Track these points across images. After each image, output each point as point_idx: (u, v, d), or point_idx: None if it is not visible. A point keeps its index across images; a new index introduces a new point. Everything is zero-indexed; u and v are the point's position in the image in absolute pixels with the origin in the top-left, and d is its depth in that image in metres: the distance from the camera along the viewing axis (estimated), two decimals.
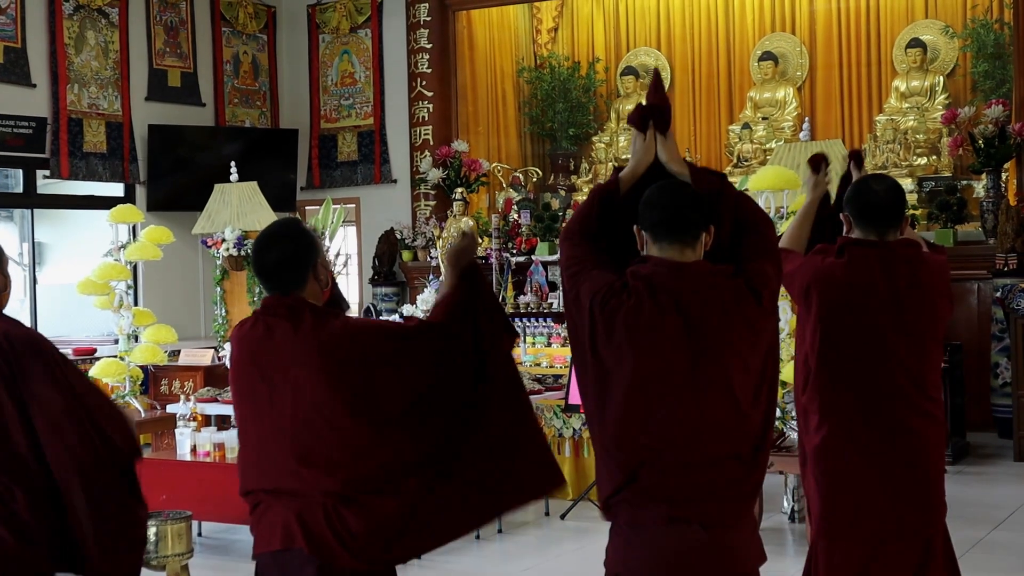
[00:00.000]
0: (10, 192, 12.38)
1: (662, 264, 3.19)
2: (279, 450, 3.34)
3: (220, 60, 13.40)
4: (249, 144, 12.95)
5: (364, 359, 3.31)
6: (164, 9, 12.79)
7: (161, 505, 6.73)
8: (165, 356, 9.62)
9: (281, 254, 3.39)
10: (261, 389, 3.38)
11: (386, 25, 13.57)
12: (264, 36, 13.97)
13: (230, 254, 9.85)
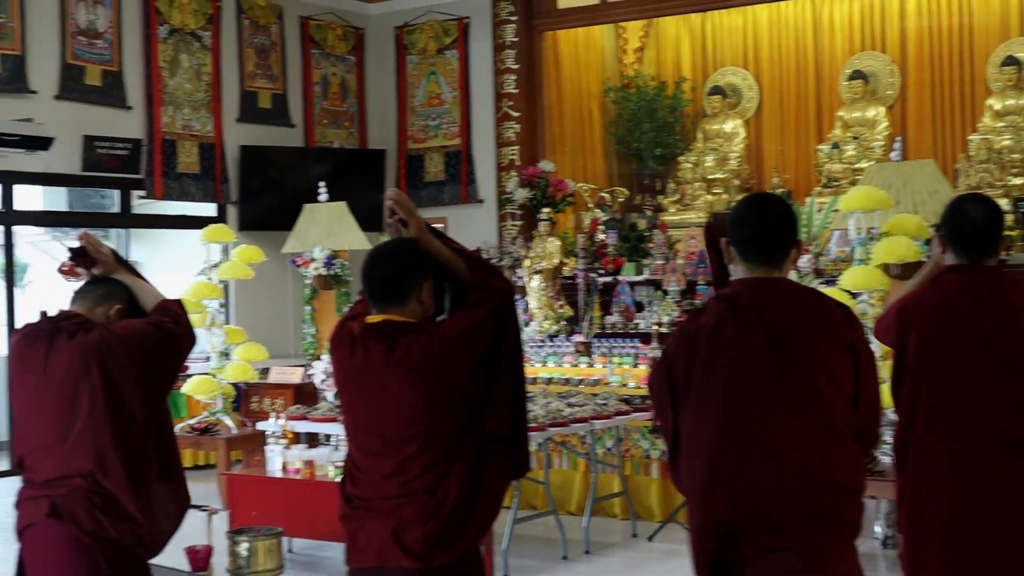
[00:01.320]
0: (107, 212, 12.67)
1: (746, 282, 3.19)
2: (381, 460, 3.39)
3: (309, 81, 13.58)
4: (337, 164, 13.10)
5: (458, 366, 3.36)
6: (255, 32, 13.00)
7: (252, 521, 6.82)
8: (256, 374, 9.74)
9: (388, 269, 3.45)
10: (359, 406, 3.45)
11: (473, 46, 13.66)
12: (352, 57, 14.13)
13: (319, 273, 9.95)
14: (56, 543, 3.80)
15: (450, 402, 3.33)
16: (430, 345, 3.33)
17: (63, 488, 3.79)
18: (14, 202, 11.07)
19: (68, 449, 3.81)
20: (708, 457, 3.15)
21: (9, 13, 10.69)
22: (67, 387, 3.82)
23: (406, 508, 3.33)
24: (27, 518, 3.87)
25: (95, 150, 11.33)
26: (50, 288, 13.83)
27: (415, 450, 3.32)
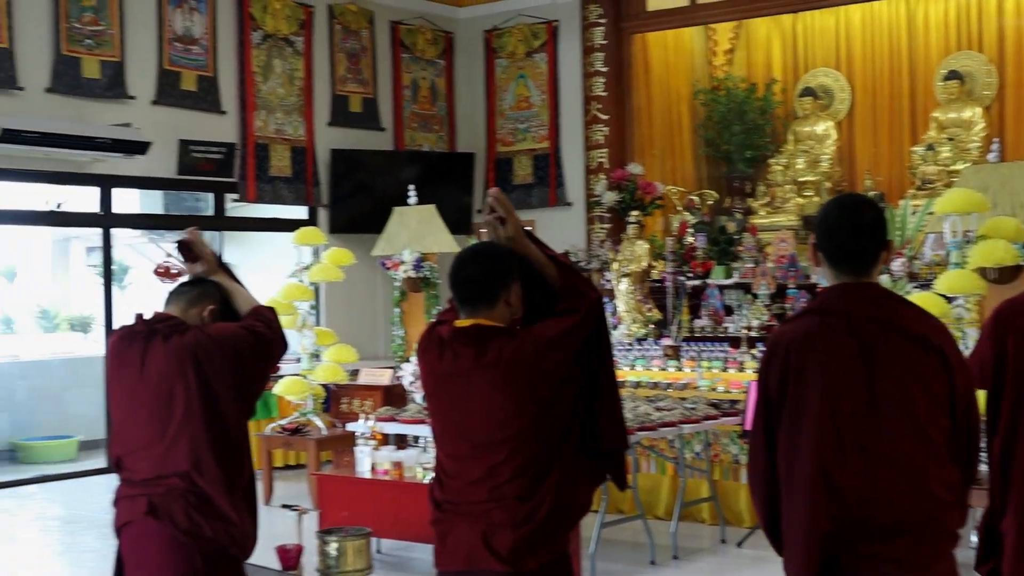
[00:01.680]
0: (201, 215, 12.89)
1: (835, 289, 3.17)
2: (470, 465, 3.40)
3: (399, 85, 13.69)
4: (427, 168, 13.19)
5: (549, 371, 3.36)
6: (346, 37, 13.14)
7: (342, 521, 6.90)
8: (346, 375, 9.86)
9: (475, 272, 3.46)
10: (447, 410, 3.46)
11: (561, 49, 13.66)
12: (442, 61, 14.22)
13: (408, 276, 10.03)
14: (153, 541, 3.88)
15: (540, 407, 3.33)
16: (521, 349, 3.34)
17: (160, 487, 3.87)
18: (113, 205, 11.31)
19: (164, 449, 3.89)
20: (806, 467, 3.11)
21: (109, 21, 10.93)
22: (163, 388, 3.90)
23: (496, 512, 3.33)
24: (125, 516, 3.96)
25: (190, 154, 11.54)
26: (147, 289, 14.13)
27: (505, 455, 3.31)
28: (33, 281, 14.72)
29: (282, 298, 9.61)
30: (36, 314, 14.41)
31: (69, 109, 10.64)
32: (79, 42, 10.73)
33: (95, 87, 10.85)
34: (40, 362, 12.80)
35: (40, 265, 14.92)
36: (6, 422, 11.93)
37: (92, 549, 8.12)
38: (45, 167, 10.61)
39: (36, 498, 10.05)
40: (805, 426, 3.12)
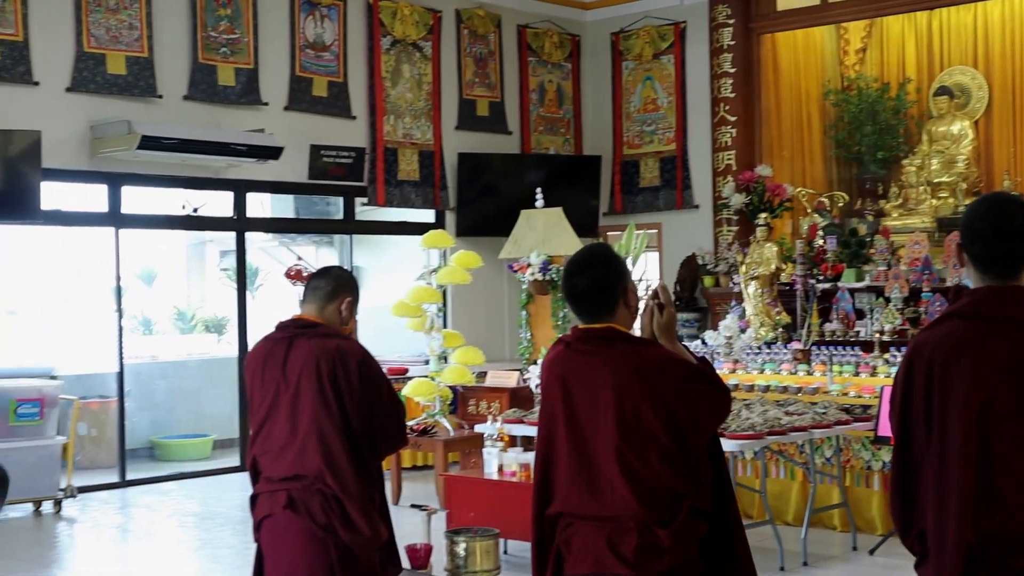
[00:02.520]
0: (332, 219, 13.11)
1: (980, 291, 3.08)
2: (590, 473, 3.38)
3: (526, 89, 13.74)
4: (553, 171, 13.21)
5: (678, 389, 3.34)
6: (474, 41, 13.24)
7: (469, 522, 6.94)
8: (473, 377, 9.92)
9: (592, 279, 3.44)
10: (572, 414, 3.44)
11: (689, 51, 13.57)
12: (568, 64, 14.23)
13: (535, 278, 10.06)
14: (292, 533, 3.97)
15: (655, 420, 3.32)
16: (650, 355, 3.35)
17: (298, 484, 3.96)
18: (247, 209, 11.57)
19: (298, 450, 3.97)
20: (956, 474, 3.02)
21: (243, 29, 11.19)
22: (298, 389, 3.99)
23: (621, 517, 3.33)
24: (264, 510, 4.06)
25: (321, 159, 11.75)
26: (278, 292, 14.42)
27: (630, 496, 3.31)
28: (170, 284, 15.11)
29: (410, 300, 9.71)
30: (173, 316, 14.79)
31: (205, 116, 10.92)
32: (215, 50, 11.00)
33: (230, 94, 11.12)
34: (177, 363, 13.15)
35: (176, 268, 15.31)
36: (146, 420, 12.28)
37: (228, 545, 8.31)
38: (182, 172, 10.90)
39: (173, 495, 10.33)
40: (954, 433, 3.03)
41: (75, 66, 10.18)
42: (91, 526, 9.11)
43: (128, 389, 11.03)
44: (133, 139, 9.94)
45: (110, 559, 8.10)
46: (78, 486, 9.76)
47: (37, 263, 12.74)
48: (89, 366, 11.59)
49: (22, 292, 12.87)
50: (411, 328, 9.94)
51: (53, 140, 9.87)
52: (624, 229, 9.99)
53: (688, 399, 3.35)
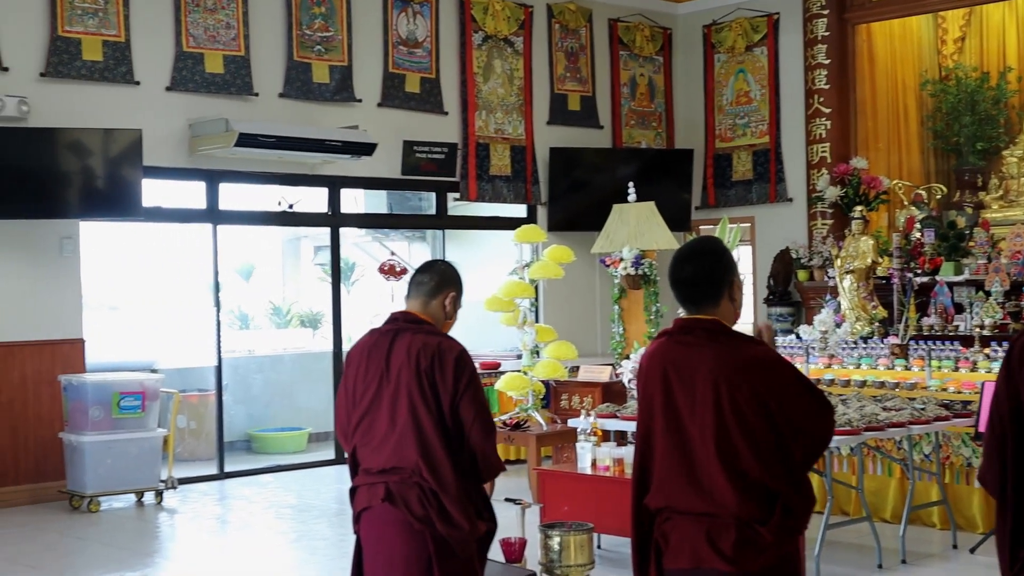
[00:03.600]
0: (424, 214, 13.20)
1: None
2: (688, 466, 3.38)
3: (617, 83, 13.71)
4: (644, 165, 13.16)
5: (779, 390, 3.34)
6: (565, 35, 13.23)
7: (563, 516, 6.95)
8: (566, 372, 9.92)
9: (699, 267, 3.47)
10: (671, 406, 3.44)
11: (782, 42, 13.43)
12: (660, 58, 14.17)
13: (628, 273, 10.02)
14: (390, 525, 4.02)
15: (753, 417, 3.30)
16: (751, 351, 3.33)
17: (395, 476, 4.01)
18: (341, 205, 11.70)
19: (396, 442, 4.02)
20: None
21: (337, 27, 11.31)
22: (399, 381, 4.04)
23: (719, 512, 3.32)
24: (363, 502, 4.12)
25: (414, 154, 11.84)
26: (372, 287, 14.57)
27: (730, 489, 3.31)
28: (266, 279, 15.34)
29: (503, 295, 9.74)
30: (269, 311, 15.01)
31: (300, 113, 11.06)
32: (310, 48, 11.14)
33: (324, 91, 11.25)
34: (273, 357, 13.34)
35: (272, 264, 15.54)
36: (243, 414, 12.49)
37: (324, 537, 8.42)
38: (277, 169, 11.05)
39: (270, 487, 10.48)
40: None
41: (174, 65, 10.38)
42: (191, 517, 9.29)
43: (226, 383, 11.22)
44: (231, 137, 10.11)
45: (210, 549, 8.26)
46: (178, 477, 9.96)
47: (138, 259, 13.02)
48: (188, 360, 11.82)
49: (124, 288, 13.17)
50: (504, 323, 9.97)
51: (153, 138, 10.08)
52: (716, 223, 9.92)
53: (787, 401, 3.34)
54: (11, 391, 9.58)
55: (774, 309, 13.00)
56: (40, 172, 9.44)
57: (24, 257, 9.69)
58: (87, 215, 9.89)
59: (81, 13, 9.86)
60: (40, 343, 9.74)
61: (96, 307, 11.48)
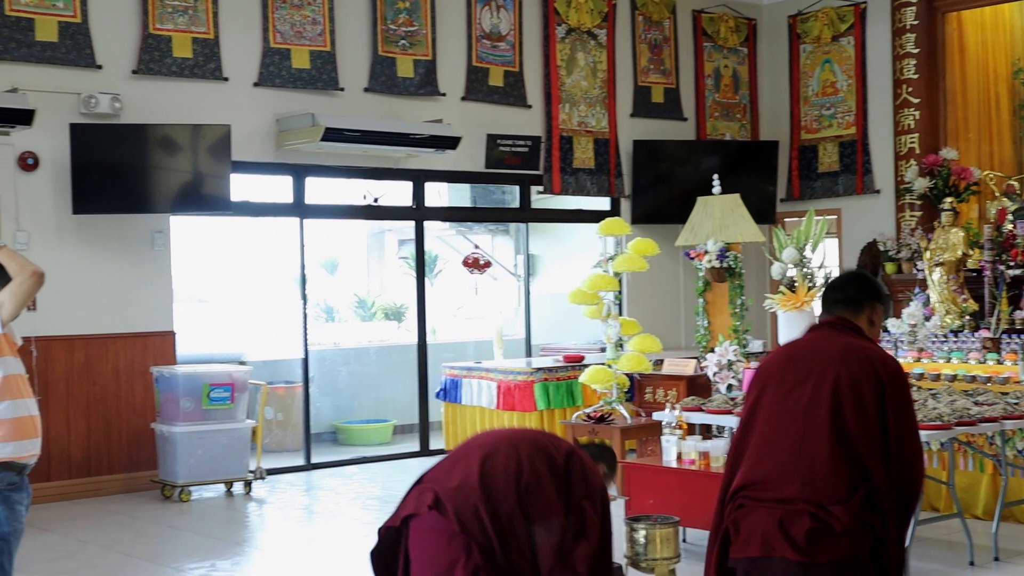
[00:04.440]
0: (508, 207, 13.24)
1: None
2: (784, 445, 3.42)
3: (702, 74, 13.62)
4: (729, 157, 13.08)
5: (895, 392, 3.52)
6: (648, 27, 13.18)
7: (648, 509, 6.94)
8: (650, 365, 9.89)
9: (847, 283, 4.00)
10: (785, 386, 3.52)
11: (870, 32, 13.24)
12: (744, 49, 14.05)
13: (712, 266, 9.97)
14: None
15: (870, 407, 3.38)
16: (880, 352, 3.55)
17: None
18: (425, 199, 11.78)
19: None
20: None
21: (422, 21, 11.38)
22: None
23: (798, 499, 3.33)
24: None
25: (497, 148, 11.88)
26: (455, 280, 14.65)
27: (826, 454, 3.32)
28: (351, 272, 15.49)
29: (587, 288, 9.73)
30: (354, 304, 15.16)
31: (385, 107, 11.15)
32: (394, 43, 11.22)
33: (409, 85, 11.33)
34: (358, 349, 13.47)
35: (357, 257, 15.69)
36: (329, 406, 12.63)
37: None
38: (363, 163, 11.15)
39: (356, 478, 10.59)
40: None
41: (262, 61, 10.52)
42: (279, 507, 9.43)
43: (312, 375, 11.36)
44: (317, 131, 10.22)
45: (298, 539, 8.37)
46: (266, 468, 10.11)
47: (226, 253, 13.22)
48: (276, 352, 11.98)
49: (213, 281, 13.39)
50: (587, 315, 9.96)
51: (241, 133, 10.23)
52: (802, 215, 9.82)
53: (899, 407, 3.51)
54: (105, 382, 9.79)
55: None
56: (132, 167, 9.63)
57: (117, 251, 9.89)
58: (178, 210, 10.06)
59: (172, 11, 10.03)
60: (133, 335, 9.94)
61: (186, 300, 11.68)
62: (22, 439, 4.83)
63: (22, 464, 4.85)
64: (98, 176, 9.47)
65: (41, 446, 4.98)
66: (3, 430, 4.76)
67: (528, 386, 10.74)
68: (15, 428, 4.80)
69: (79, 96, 9.55)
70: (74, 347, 9.63)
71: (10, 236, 9.32)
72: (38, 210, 9.50)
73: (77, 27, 9.59)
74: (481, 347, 13.01)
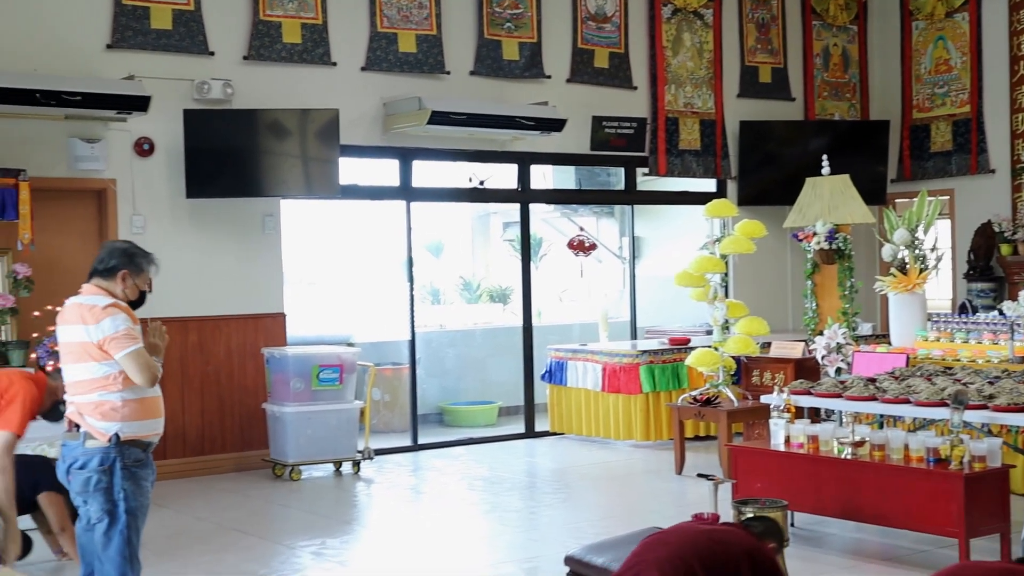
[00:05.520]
0: (613, 189, 13.21)
1: None
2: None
3: (810, 54, 13.42)
4: (837, 137, 12.87)
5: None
6: (756, 7, 13.02)
7: (756, 493, 6.90)
8: (757, 348, 9.82)
9: None
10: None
11: (985, 7, 12.91)
12: (854, 27, 13.81)
13: (821, 247, 9.84)
14: None
15: None
16: None
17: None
18: (530, 181, 11.79)
19: None
20: None
21: (527, 4, 11.39)
22: None
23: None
24: None
25: (602, 130, 11.85)
26: (560, 263, 14.65)
27: None
28: (456, 255, 15.59)
29: (694, 270, 9.69)
30: (459, 286, 15.25)
31: (490, 90, 11.19)
32: (500, 26, 11.25)
33: (514, 68, 11.35)
34: (464, 331, 13.55)
35: (462, 240, 15.77)
36: (435, 387, 12.74)
37: (515, 509, 8.55)
38: (468, 146, 11.20)
39: (462, 459, 10.68)
40: None
41: (369, 46, 10.62)
42: (387, 486, 9.54)
43: (419, 357, 11.46)
44: (423, 115, 10.29)
45: (405, 518, 8.47)
46: (374, 448, 10.23)
47: (334, 236, 13.39)
48: (383, 334, 12.11)
49: (321, 264, 13.57)
50: (694, 298, 9.92)
51: (349, 118, 10.34)
52: (913, 196, 9.65)
53: None
54: (218, 363, 10.00)
55: (975, 284, 12.57)
56: (243, 152, 9.80)
57: (229, 235, 10.08)
58: (287, 193, 10.21)
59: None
60: (244, 317, 10.13)
61: (296, 282, 11.86)
62: (147, 418, 5.01)
63: (147, 442, 5.03)
64: (210, 161, 9.66)
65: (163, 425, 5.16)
66: (129, 409, 4.94)
67: (633, 368, 10.72)
68: (140, 408, 4.98)
69: (192, 82, 9.75)
70: (188, 328, 9.84)
71: (127, 220, 9.56)
72: (153, 194, 9.72)
73: (191, 15, 9.77)
74: (586, 329, 13.01)
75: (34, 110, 8.76)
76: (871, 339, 10.51)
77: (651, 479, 9.51)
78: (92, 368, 4.93)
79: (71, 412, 5.02)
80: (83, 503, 5.01)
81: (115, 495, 4.94)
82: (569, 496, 8.98)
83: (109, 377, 4.92)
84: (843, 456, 6.83)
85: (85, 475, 4.93)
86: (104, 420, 4.92)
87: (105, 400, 4.92)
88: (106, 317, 4.90)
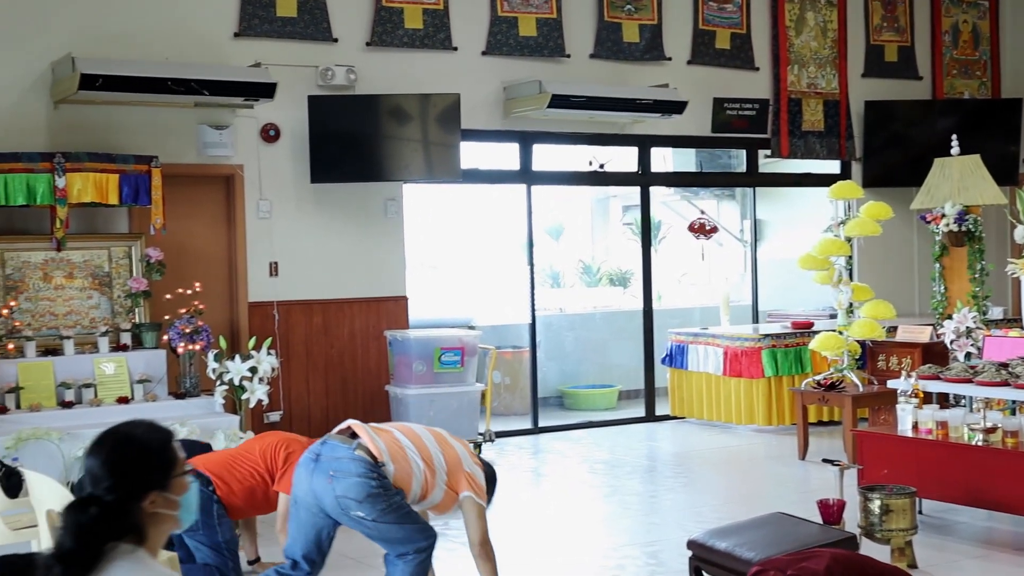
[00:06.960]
0: (734, 172, 13.08)
1: None
2: None
3: (939, 31, 13.10)
4: (966, 116, 12.55)
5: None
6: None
7: (882, 479, 6.79)
8: (883, 332, 9.65)
9: None
10: None
11: None
12: (985, 3, 13.44)
13: (950, 229, 9.63)
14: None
15: None
16: None
17: None
18: (650, 164, 11.73)
19: None
20: None
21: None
22: None
23: None
24: None
25: (724, 111, 11.73)
26: (679, 246, 14.57)
27: None
28: (576, 238, 15.59)
29: (818, 253, 9.56)
30: (579, 269, 15.26)
31: (610, 73, 11.15)
32: (620, 8, 11.20)
33: (634, 51, 11.29)
34: (583, 315, 13.56)
35: (582, 223, 15.77)
36: (555, 370, 12.77)
37: (636, 492, 8.55)
38: (588, 129, 11.19)
39: (583, 442, 10.70)
40: None
41: (489, 30, 10.66)
42: (508, 469, 9.60)
43: (539, 340, 11.49)
44: (544, 98, 10.30)
45: (526, 501, 8.52)
46: (495, 431, 10.30)
47: (455, 220, 13.49)
48: (503, 317, 12.17)
49: (442, 247, 13.69)
50: (818, 281, 9.78)
51: (470, 102, 10.40)
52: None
53: None
54: (342, 345, 10.16)
55: None
56: (366, 137, 9.93)
57: (352, 219, 10.22)
58: (410, 178, 10.31)
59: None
60: (368, 300, 10.27)
61: (418, 266, 11.99)
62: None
63: None
64: (334, 146, 9.80)
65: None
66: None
67: (756, 352, 10.62)
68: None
69: (316, 69, 9.90)
70: (312, 311, 10.02)
71: (254, 205, 9.76)
72: (279, 180, 9.90)
73: (315, 3, 9.92)
74: (707, 313, 12.91)
75: (165, 98, 8.97)
76: (1002, 323, 10.25)
77: (773, 464, 9.42)
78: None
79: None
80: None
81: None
82: (690, 480, 8.95)
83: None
84: (974, 443, 6.69)
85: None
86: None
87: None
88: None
